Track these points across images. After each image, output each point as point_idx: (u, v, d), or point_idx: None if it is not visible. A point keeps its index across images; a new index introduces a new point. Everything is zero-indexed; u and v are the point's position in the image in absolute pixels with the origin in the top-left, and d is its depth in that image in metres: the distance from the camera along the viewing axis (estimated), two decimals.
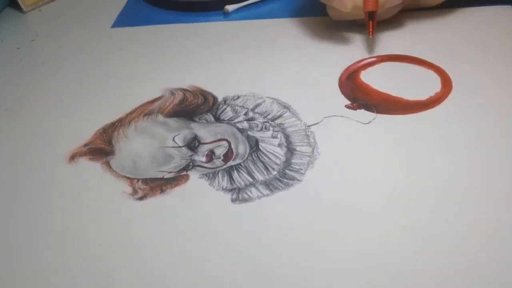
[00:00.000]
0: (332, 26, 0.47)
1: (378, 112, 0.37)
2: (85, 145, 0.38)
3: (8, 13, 0.59)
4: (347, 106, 0.38)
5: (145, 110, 0.40)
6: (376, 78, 0.40)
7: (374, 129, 0.35)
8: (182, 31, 0.51)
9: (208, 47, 0.47)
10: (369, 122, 0.36)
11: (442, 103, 0.37)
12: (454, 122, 0.35)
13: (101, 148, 0.37)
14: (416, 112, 0.37)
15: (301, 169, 0.33)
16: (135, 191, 0.33)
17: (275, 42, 0.47)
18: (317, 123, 0.36)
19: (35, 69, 0.48)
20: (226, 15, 0.53)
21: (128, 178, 0.34)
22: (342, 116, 0.37)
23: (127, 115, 0.40)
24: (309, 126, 0.36)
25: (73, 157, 0.37)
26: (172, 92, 0.42)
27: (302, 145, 0.35)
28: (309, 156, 0.34)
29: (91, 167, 0.35)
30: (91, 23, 0.55)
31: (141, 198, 0.32)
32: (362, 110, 0.37)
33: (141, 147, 0.36)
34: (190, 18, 0.53)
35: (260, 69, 0.44)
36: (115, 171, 0.35)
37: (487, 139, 0.33)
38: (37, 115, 0.41)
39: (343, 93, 0.39)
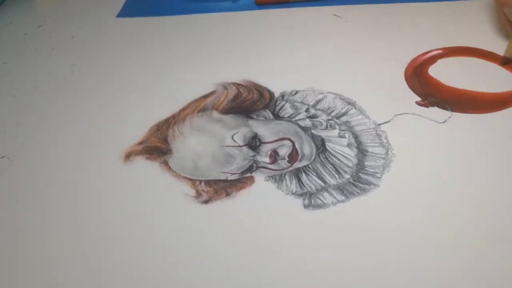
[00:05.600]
0: (390, 14, 0.45)
1: (453, 110, 0.34)
2: (140, 143, 0.36)
3: None
4: (418, 103, 0.35)
5: (199, 106, 0.38)
6: (444, 72, 0.38)
7: (451, 129, 0.33)
8: (218, 21, 0.48)
9: (250, 38, 0.45)
10: (444, 121, 0.33)
11: None
12: None
13: (157, 146, 0.35)
14: (495, 111, 0.34)
15: (377, 173, 0.30)
16: (199, 194, 0.31)
17: (323, 32, 0.44)
18: (388, 121, 0.34)
19: (42, 55, 0.47)
20: (235, 0, 0.51)
21: (190, 179, 0.32)
22: (414, 114, 0.34)
23: (180, 111, 0.38)
24: (379, 124, 0.34)
25: (128, 156, 0.35)
26: (225, 87, 0.40)
27: (374, 146, 0.32)
28: (384, 158, 0.31)
29: (149, 167, 0.34)
30: (101, 7, 0.54)
31: (206, 202, 0.31)
32: (435, 108, 0.35)
33: (199, 146, 0.35)
34: (200, 4, 0.51)
35: (313, 61, 0.41)
36: (175, 171, 0.33)
37: None
38: (80, 111, 0.39)
39: (410, 87, 0.37)
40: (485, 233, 0.26)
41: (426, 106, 0.35)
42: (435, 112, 0.34)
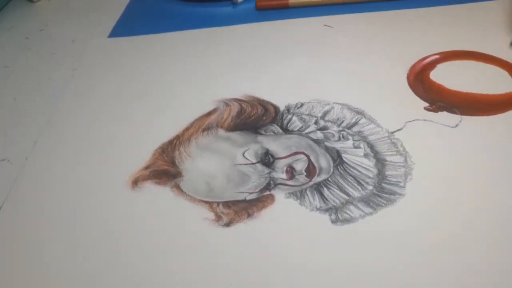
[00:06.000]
0: (387, 21, 0.45)
1: (462, 113, 0.34)
2: (146, 167, 0.34)
3: (18, 3, 0.58)
4: (426, 109, 0.35)
5: (203, 125, 0.37)
6: (445, 77, 0.38)
7: (464, 132, 0.33)
8: (214, 36, 0.47)
9: (247, 52, 0.44)
10: (456, 125, 0.34)
11: None
12: None
13: (165, 170, 0.34)
14: (502, 112, 0.34)
15: (400, 182, 0.30)
16: (218, 217, 0.30)
17: (321, 42, 0.44)
18: (400, 129, 0.34)
19: (43, 59, 0.47)
20: (235, 5, 0.52)
21: (206, 202, 0.31)
22: (425, 120, 0.34)
23: (184, 131, 0.37)
24: (393, 132, 0.34)
25: (136, 182, 0.33)
26: (227, 104, 0.39)
27: (391, 155, 0.32)
28: (404, 166, 0.31)
29: (160, 192, 0.32)
30: (101, 12, 0.54)
31: (227, 224, 0.29)
32: (444, 112, 0.35)
33: (210, 166, 0.33)
34: (199, 9, 0.52)
35: (314, 72, 0.41)
36: (188, 195, 0.32)
37: None
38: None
39: (416, 94, 0.37)
40: None
41: (435, 111, 0.35)
42: (445, 116, 0.34)
